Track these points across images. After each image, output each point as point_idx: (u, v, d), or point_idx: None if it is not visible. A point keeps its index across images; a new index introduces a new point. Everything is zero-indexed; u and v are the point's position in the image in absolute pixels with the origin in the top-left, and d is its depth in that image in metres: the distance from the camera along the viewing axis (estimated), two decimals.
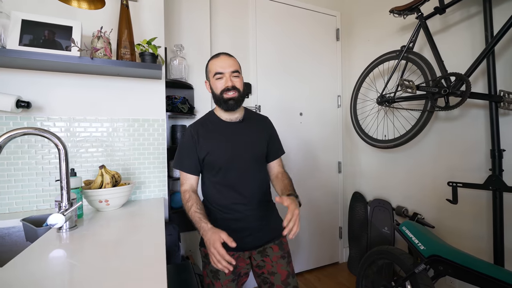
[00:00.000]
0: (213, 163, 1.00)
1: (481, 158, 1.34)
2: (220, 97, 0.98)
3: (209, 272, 1.01)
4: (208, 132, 1.03)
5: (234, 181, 1.01)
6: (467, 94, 1.16)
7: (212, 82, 1.00)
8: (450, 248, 1.17)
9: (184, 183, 1.02)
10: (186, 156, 1.02)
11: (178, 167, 1.03)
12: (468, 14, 1.40)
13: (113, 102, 1.29)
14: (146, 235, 0.86)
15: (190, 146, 1.01)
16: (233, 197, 1.01)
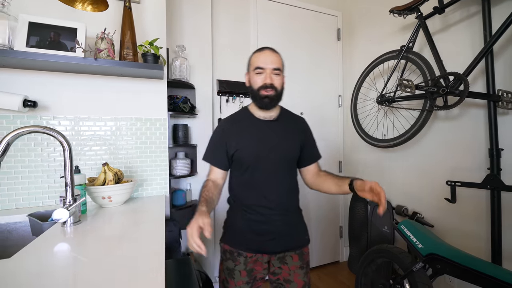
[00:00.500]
0: (242, 160, 0.97)
1: (480, 158, 1.34)
2: (257, 93, 0.94)
3: (225, 268, 1.00)
4: (240, 128, 0.99)
5: (260, 182, 0.97)
6: (465, 93, 1.17)
7: (251, 76, 0.96)
8: (448, 247, 1.18)
9: (209, 174, 1.02)
10: (215, 150, 1.00)
11: (207, 160, 1.02)
12: (467, 14, 1.41)
13: (116, 102, 1.32)
14: (147, 230, 0.88)
15: (220, 140, 0.99)
16: (258, 198, 0.97)
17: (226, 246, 1.01)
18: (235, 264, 0.97)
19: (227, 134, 0.99)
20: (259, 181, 0.97)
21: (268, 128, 0.99)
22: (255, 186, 0.97)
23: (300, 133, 1.05)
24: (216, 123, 1.87)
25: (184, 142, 1.62)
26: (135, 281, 0.56)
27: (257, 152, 0.96)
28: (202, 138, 1.78)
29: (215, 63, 1.86)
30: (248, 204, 0.98)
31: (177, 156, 1.63)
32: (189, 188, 1.71)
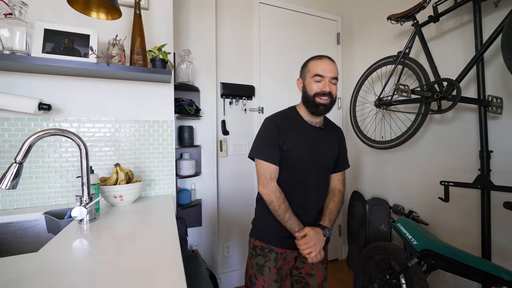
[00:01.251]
0: (292, 159, 0.97)
1: (472, 159, 1.41)
2: (312, 99, 0.96)
3: (255, 264, 1.03)
4: (293, 127, 1.00)
5: (302, 184, 1.00)
6: (457, 98, 1.24)
7: (308, 82, 0.98)
8: (441, 243, 1.25)
9: (273, 178, 0.96)
10: (272, 147, 0.96)
11: (266, 159, 0.96)
12: (461, 22, 1.48)
13: (125, 105, 1.37)
14: (160, 226, 0.94)
15: (274, 136, 0.96)
16: (298, 199, 1.00)
17: (257, 242, 1.03)
18: (265, 260, 1.01)
19: (283, 129, 0.97)
20: (302, 183, 1.00)
21: (316, 134, 1.03)
22: (297, 187, 1.00)
23: (339, 143, 1.10)
24: (220, 124, 1.93)
25: (190, 143, 1.68)
26: (158, 270, 0.62)
27: (307, 155, 0.99)
28: (206, 139, 1.83)
29: (219, 66, 1.92)
30: (294, 200, 1.00)
31: (183, 157, 1.69)
32: (194, 188, 1.77)
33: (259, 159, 0.97)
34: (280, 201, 0.94)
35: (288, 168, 0.99)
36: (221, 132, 1.93)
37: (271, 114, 1.07)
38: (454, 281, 1.53)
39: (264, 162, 0.96)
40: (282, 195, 0.95)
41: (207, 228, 1.83)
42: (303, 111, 1.04)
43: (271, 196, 0.95)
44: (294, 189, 1.00)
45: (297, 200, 1.00)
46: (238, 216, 2.00)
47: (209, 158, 1.84)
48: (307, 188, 1.01)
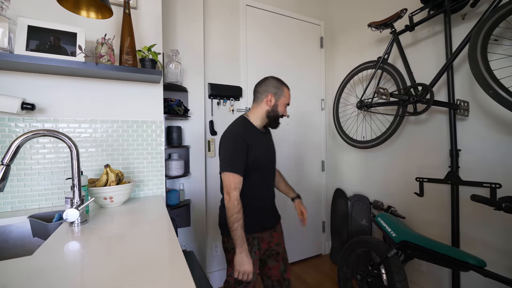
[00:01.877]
0: (259, 165, 1.15)
1: (443, 157, 1.55)
2: (278, 117, 1.21)
3: None
4: (252, 137, 1.14)
5: (267, 178, 1.24)
6: (431, 101, 1.36)
7: (280, 104, 1.19)
8: (417, 235, 1.36)
9: (237, 187, 1.07)
10: (240, 160, 1.09)
11: (234, 171, 1.07)
12: (433, 32, 1.61)
13: (112, 105, 1.35)
14: (156, 225, 0.95)
15: (244, 150, 1.09)
16: (265, 190, 1.24)
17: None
18: (251, 247, 1.15)
19: (248, 143, 1.11)
20: (267, 178, 1.24)
21: (265, 138, 1.25)
22: (263, 183, 1.23)
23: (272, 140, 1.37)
24: (208, 124, 1.94)
25: (178, 144, 1.68)
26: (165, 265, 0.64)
27: (267, 158, 1.22)
28: (194, 139, 1.84)
29: (207, 67, 1.93)
30: (257, 198, 1.20)
31: (172, 157, 1.68)
32: (182, 188, 1.77)
33: (230, 172, 1.08)
34: (235, 210, 1.05)
35: (258, 172, 1.17)
36: (209, 133, 1.95)
37: (232, 128, 1.17)
38: (427, 269, 1.67)
39: (231, 174, 1.08)
40: (239, 206, 1.07)
41: (195, 228, 1.84)
42: (257, 121, 1.20)
43: (229, 204, 1.07)
44: (262, 186, 1.23)
45: (265, 193, 1.25)
46: None
47: (197, 158, 1.85)
48: (270, 182, 1.27)
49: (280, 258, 1.27)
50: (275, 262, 1.26)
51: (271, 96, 1.18)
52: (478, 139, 1.37)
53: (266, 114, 1.19)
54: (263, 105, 1.18)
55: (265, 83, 1.20)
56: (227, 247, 1.19)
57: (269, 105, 1.18)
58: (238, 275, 1.04)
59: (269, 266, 1.26)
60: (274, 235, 1.27)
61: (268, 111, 1.18)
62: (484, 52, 1.06)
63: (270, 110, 1.18)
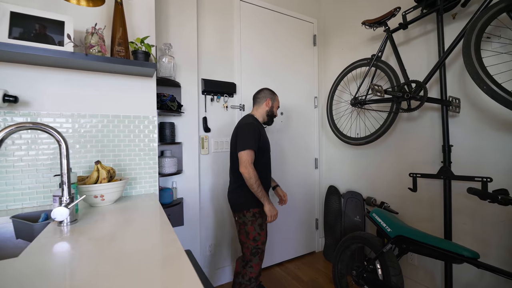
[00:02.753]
0: (267, 148, 1.55)
1: (435, 153, 1.58)
2: (273, 117, 1.64)
3: (257, 225, 1.47)
4: (259, 127, 1.51)
5: (269, 162, 1.61)
6: (424, 98, 1.38)
7: (275, 107, 1.62)
8: (411, 229, 1.38)
9: (253, 162, 1.41)
10: (255, 142, 1.43)
11: (251, 148, 1.40)
12: (425, 30, 1.65)
13: (103, 98, 1.29)
14: (152, 223, 0.90)
15: (257, 135, 1.45)
16: (269, 171, 1.61)
17: (255, 209, 1.48)
18: (263, 220, 1.50)
19: (259, 129, 1.49)
20: (269, 162, 1.61)
21: (265, 131, 1.60)
22: (268, 164, 1.60)
23: None
24: (201, 121, 1.89)
25: (171, 140, 1.63)
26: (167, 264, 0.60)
27: (268, 145, 1.59)
28: (187, 136, 1.79)
29: (200, 62, 1.88)
30: (264, 177, 1.53)
31: (164, 154, 1.63)
32: (175, 186, 1.72)
33: (249, 149, 1.40)
34: (257, 177, 1.40)
35: (265, 154, 1.54)
36: (202, 129, 1.90)
37: (247, 120, 1.53)
38: (419, 263, 1.70)
39: (249, 151, 1.41)
40: (256, 174, 1.40)
41: (189, 227, 1.79)
42: (260, 118, 1.60)
43: (251, 174, 1.38)
44: (268, 167, 1.59)
45: (268, 174, 1.59)
46: (220, 214, 1.99)
47: (190, 155, 1.80)
48: (270, 164, 1.64)
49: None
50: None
51: (269, 100, 1.60)
52: (469, 135, 1.41)
53: (266, 113, 1.60)
54: (264, 106, 1.59)
55: (263, 92, 1.62)
56: (244, 221, 1.48)
57: (268, 106, 1.60)
58: (270, 219, 1.43)
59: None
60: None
61: (268, 111, 1.60)
62: (478, 49, 1.08)
63: (268, 110, 1.60)
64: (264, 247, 1.52)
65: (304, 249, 2.46)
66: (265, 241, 1.52)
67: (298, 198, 2.41)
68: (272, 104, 1.60)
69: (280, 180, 2.25)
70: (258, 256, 1.49)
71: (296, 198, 2.39)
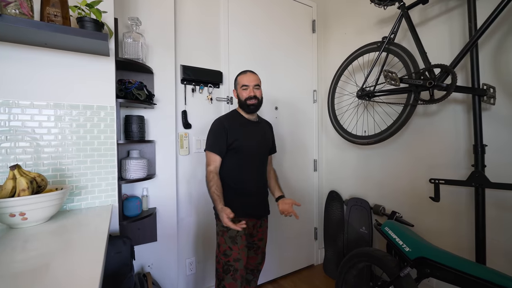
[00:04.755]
0: (240, 148, 1.27)
1: (460, 154, 1.32)
2: (244, 102, 1.30)
3: (228, 238, 1.23)
4: (236, 124, 1.30)
5: (250, 165, 1.32)
6: (452, 86, 1.11)
7: (239, 92, 1.32)
8: (437, 249, 1.10)
9: (211, 164, 1.24)
10: (219, 141, 1.24)
11: (213, 150, 1.24)
12: (447, 8, 1.38)
13: (40, 82, 0.98)
14: (78, 257, 0.60)
15: (220, 132, 1.25)
16: (248, 174, 1.31)
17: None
18: (237, 231, 1.22)
19: (227, 127, 1.26)
20: (250, 164, 1.32)
21: (255, 127, 1.37)
22: (247, 167, 1.31)
23: (271, 133, 1.50)
24: (180, 115, 1.59)
25: (140, 138, 1.32)
26: None
27: (252, 143, 1.31)
28: (162, 133, 1.48)
29: (179, 45, 1.58)
30: (240, 181, 1.29)
31: (130, 155, 1.32)
32: (146, 194, 1.40)
33: (211, 151, 1.25)
34: (209, 178, 1.21)
35: (238, 153, 1.28)
36: (181, 125, 1.60)
37: (223, 115, 1.37)
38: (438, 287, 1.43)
39: (208, 153, 1.26)
40: (212, 177, 1.21)
41: (164, 243, 1.48)
42: (242, 112, 1.35)
43: (206, 179, 1.23)
44: (243, 167, 1.30)
45: (245, 175, 1.30)
46: (203, 225, 1.68)
47: (166, 156, 1.49)
48: (251, 166, 1.33)
49: (259, 252, 1.40)
50: (254, 254, 1.38)
51: (234, 91, 1.37)
52: (506, 132, 1.14)
53: (239, 104, 1.35)
54: (236, 99, 1.37)
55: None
56: (217, 230, 1.28)
57: (236, 97, 1.36)
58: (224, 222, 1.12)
59: (248, 256, 1.33)
60: (259, 230, 1.38)
61: (238, 101, 1.35)
62: None
63: (238, 100, 1.35)
64: (238, 265, 1.21)
65: (301, 263, 2.17)
66: (240, 259, 1.21)
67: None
68: (237, 91, 1.33)
69: None
70: (230, 275, 1.20)
71: None
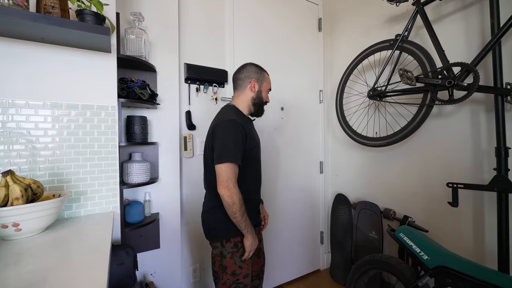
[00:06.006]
0: (256, 155, 1.12)
1: (478, 157, 1.26)
2: (263, 104, 1.16)
3: (237, 258, 1.07)
4: (248, 125, 1.10)
5: (261, 168, 1.19)
6: (475, 86, 1.05)
7: (263, 90, 1.15)
8: (458, 258, 1.04)
9: (235, 178, 0.99)
10: (238, 148, 1.00)
11: (234, 160, 0.97)
12: (463, 4, 1.32)
13: (36, 80, 0.91)
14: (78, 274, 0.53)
15: (242, 139, 1.01)
16: (259, 183, 1.18)
17: (238, 238, 1.06)
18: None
19: (246, 131, 1.04)
20: (260, 170, 1.19)
21: (253, 128, 1.18)
22: (259, 174, 1.18)
23: None
24: (184, 116, 1.52)
25: (143, 140, 1.25)
26: None
27: (259, 144, 1.16)
28: (165, 134, 1.41)
29: (183, 42, 1.51)
30: (258, 190, 1.18)
31: (132, 158, 1.25)
32: (149, 199, 1.33)
33: (230, 162, 0.97)
34: (241, 202, 0.99)
35: (254, 160, 1.12)
36: (185, 126, 1.53)
37: (226, 116, 1.05)
38: None
39: (231, 165, 0.97)
40: (240, 195, 0.99)
41: (167, 249, 1.41)
42: (245, 110, 1.14)
43: (234, 198, 0.96)
44: (259, 175, 1.18)
45: (258, 183, 1.18)
46: None
47: (169, 159, 1.42)
48: (261, 172, 1.20)
49: (261, 254, 1.28)
50: (257, 258, 1.25)
51: (254, 81, 1.13)
52: None
53: (252, 101, 1.14)
54: (247, 91, 1.13)
55: (246, 69, 1.14)
56: (222, 252, 1.07)
57: (254, 91, 1.13)
58: (249, 254, 1.05)
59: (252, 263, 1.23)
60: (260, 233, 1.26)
61: (253, 97, 1.13)
62: None
63: (255, 96, 1.13)
64: (247, 280, 1.09)
65: (307, 268, 2.11)
66: (249, 273, 1.10)
67: (300, 207, 2.06)
68: (260, 87, 1.13)
69: (279, 185, 1.90)
70: None
71: (297, 207, 2.03)
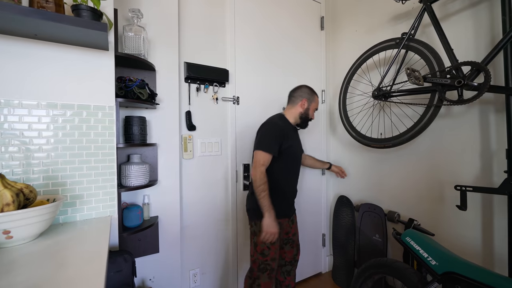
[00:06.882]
0: (293, 153, 1.36)
1: (486, 159, 1.23)
2: (308, 120, 1.44)
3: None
4: (288, 129, 1.35)
5: (296, 166, 1.43)
6: (486, 86, 1.01)
7: (311, 109, 1.42)
8: (467, 263, 1.01)
9: (265, 164, 1.24)
10: (276, 143, 1.27)
11: (266, 150, 1.24)
12: (471, 2, 1.29)
13: (29, 79, 0.86)
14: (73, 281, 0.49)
15: (279, 136, 1.28)
16: (292, 178, 1.42)
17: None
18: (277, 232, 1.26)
19: (284, 132, 1.31)
20: (296, 167, 1.43)
21: (296, 132, 1.47)
22: (294, 170, 1.42)
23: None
24: (184, 116, 1.48)
25: (141, 141, 1.21)
26: None
27: (298, 147, 1.44)
28: (165, 135, 1.37)
29: (183, 40, 1.47)
30: (290, 183, 1.40)
31: (131, 160, 1.20)
32: (148, 202, 1.29)
33: (262, 150, 1.24)
34: (262, 182, 1.22)
35: (289, 158, 1.36)
36: (185, 127, 1.49)
37: (273, 120, 1.38)
38: None
39: (262, 152, 1.25)
40: (264, 179, 1.23)
41: (166, 253, 1.37)
42: (291, 119, 1.42)
43: (257, 176, 1.22)
44: (292, 170, 1.41)
45: (292, 177, 1.42)
46: (208, 233, 1.58)
47: (169, 161, 1.38)
48: (296, 169, 1.44)
49: (294, 245, 1.49)
50: (291, 248, 1.47)
51: (305, 100, 1.40)
52: None
53: (299, 115, 1.41)
54: (298, 107, 1.41)
55: (301, 90, 1.42)
56: (255, 230, 1.31)
57: (303, 108, 1.40)
58: (265, 236, 1.21)
59: (285, 250, 1.47)
60: (292, 226, 1.47)
61: (301, 113, 1.40)
62: None
63: (303, 112, 1.40)
64: (274, 264, 1.30)
65: (308, 271, 2.07)
66: (275, 258, 1.30)
67: (301, 210, 2.01)
68: (309, 106, 1.40)
69: None
70: (267, 274, 1.29)
71: (298, 210, 1.99)
